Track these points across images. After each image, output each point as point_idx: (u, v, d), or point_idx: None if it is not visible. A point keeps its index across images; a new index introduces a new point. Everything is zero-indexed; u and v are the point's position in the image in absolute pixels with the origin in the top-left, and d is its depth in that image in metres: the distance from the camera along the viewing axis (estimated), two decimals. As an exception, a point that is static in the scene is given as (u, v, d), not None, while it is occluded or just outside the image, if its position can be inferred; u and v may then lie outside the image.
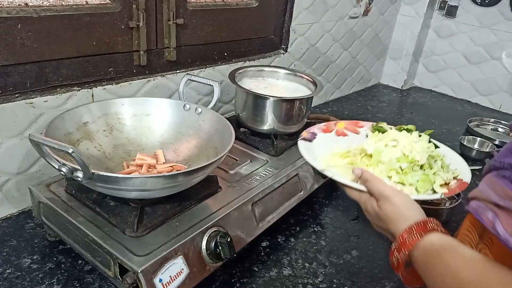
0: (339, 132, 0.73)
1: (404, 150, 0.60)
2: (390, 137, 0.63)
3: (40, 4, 0.75)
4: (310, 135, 0.69)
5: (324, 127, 0.72)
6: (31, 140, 0.54)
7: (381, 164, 0.60)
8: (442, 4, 1.82)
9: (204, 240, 0.64)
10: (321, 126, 0.72)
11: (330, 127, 0.73)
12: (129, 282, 0.55)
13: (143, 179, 0.58)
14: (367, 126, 0.74)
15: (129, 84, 0.92)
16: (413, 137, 0.63)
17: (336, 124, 0.74)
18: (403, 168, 0.59)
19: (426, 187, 0.59)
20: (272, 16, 1.25)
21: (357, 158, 0.62)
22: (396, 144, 0.62)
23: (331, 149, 0.67)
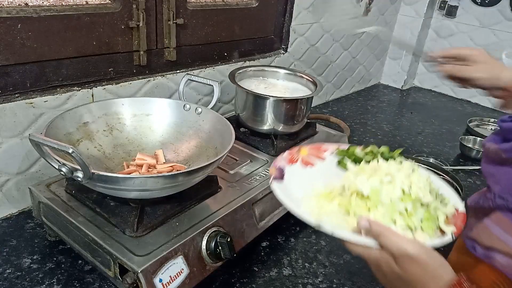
0: (304, 160, 0.67)
1: (403, 187, 0.53)
2: (383, 171, 0.56)
3: (40, 4, 0.75)
4: (279, 173, 0.62)
5: (289, 157, 0.66)
6: (31, 140, 0.54)
7: (381, 205, 0.51)
8: (442, 4, 1.82)
9: (204, 240, 0.64)
10: (285, 157, 0.65)
11: (294, 156, 0.67)
12: (129, 282, 0.55)
13: (143, 179, 0.58)
14: (331, 149, 0.69)
15: (129, 84, 0.92)
16: (405, 169, 0.56)
17: (299, 151, 0.68)
18: (409, 210, 0.51)
19: (432, 226, 0.51)
20: (272, 16, 1.25)
21: (347, 199, 0.54)
22: (392, 180, 0.54)
23: (307, 186, 0.59)
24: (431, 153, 1.29)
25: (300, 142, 0.98)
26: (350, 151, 0.66)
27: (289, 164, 0.64)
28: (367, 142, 1.33)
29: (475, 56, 0.71)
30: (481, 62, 0.71)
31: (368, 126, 1.48)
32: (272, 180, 0.59)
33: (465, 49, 0.73)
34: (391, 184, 0.53)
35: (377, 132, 1.44)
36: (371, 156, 0.64)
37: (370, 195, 0.52)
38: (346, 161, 0.65)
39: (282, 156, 0.65)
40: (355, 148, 0.67)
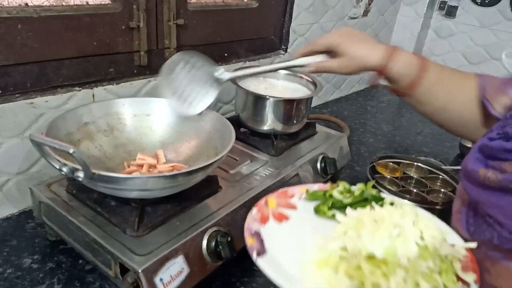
0: (276, 215, 0.59)
1: (416, 239, 0.47)
2: (387, 222, 0.50)
3: (41, 4, 0.75)
4: (257, 241, 0.53)
5: (259, 215, 0.57)
6: (32, 140, 0.54)
7: (399, 268, 0.44)
8: (442, 4, 1.82)
9: (204, 240, 0.64)
10: (255, 217, 0.57)
11: (263, 212, 0.58)
12: (130, 282, 0.56)
13: (144, 179, 0.58)
14: (297, 192, 0.63)
15: (130, 84, 0.92)
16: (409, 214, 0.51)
17: (266, 204, 0.60)
18: (430, 267, 0.44)
19: (452, 279, 0.44)
20: (272, 17, 1.25)
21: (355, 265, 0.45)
22: (401, 232, 0.48)
23: (295, 251, 0.51)
24: (430, 153, 1.29)
25: (300, 142, 0.98)
26: (324, 194, 0.60)
27: (263, 225, 0.56)
28: (367, 142, 1.34)
29: (336, 47, 0.70)
30: (343, 55, 0.69)
31: (367, 126, 1.48)
32: (256, 256, 0.50)
33: (325, 41, 0.71)
34: (401, 237, 0.47)
35: (376, 132, 1.44)
36: (350, 197, 0.59)
37: (386, 257, 0.45)
38: (324, 208, 0.59)
39: (252, 216, 0.57)
40: (325, 189, 0.61)
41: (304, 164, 0.89)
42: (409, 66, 0.67)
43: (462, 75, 0.70)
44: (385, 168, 1.09)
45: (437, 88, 0.68)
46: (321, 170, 0.93)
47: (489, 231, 0.52)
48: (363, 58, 0.68)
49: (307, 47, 0.73)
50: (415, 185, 1.02)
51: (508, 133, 0.52)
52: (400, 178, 1.02)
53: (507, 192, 0.49)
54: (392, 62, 0.67)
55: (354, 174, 1.12)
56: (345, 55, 0.69)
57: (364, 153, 1.26)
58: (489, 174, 0.51)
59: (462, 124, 0.70)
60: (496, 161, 0.52)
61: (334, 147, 1.00)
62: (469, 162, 0.56)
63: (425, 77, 0.67)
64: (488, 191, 0.52)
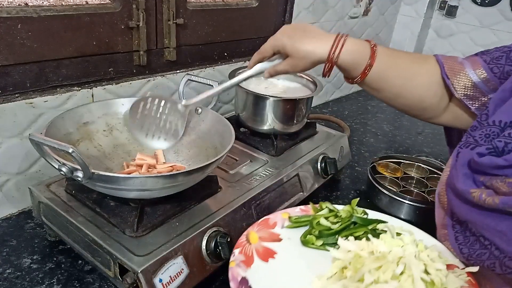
0: (260, 252, 0.54)
1: (421, 275, 0.45)
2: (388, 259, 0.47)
3: (40, 4, 0.75)
4: None
5: (244, 258, 0.53)
6: (31, 140, 0.54)
7: None
8: (442, 4, 1.82)
9: (204, 240, 0.64)
10: (239, 261, 0.53)
11: (247, 251, 0.54)
12: (129, 282, 0.55)
13: (143, 179, 0.58)
14: (279, 219, 0.61)
15: (129, 84, 0.92)
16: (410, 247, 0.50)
17: (249, 241, 0.56)
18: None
19: None
20: (272, 16, 1.25)
21: None
22: (406, 268, 0.46)
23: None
24: (431, 153, 1.29)
25: (300, 142, 0.98)
26: (310, 221, 0.57)
27: (248, 268, 0.52)
28: (367, 142, 1.34)
29: (282, 49, 0.68)
30: (291, 55, 0.67)
31: (368, 126, 1.48)
32: None
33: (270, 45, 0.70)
34: (405, 275, 0.45)
35: (377, 132, 1.44)
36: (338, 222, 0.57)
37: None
38: (312, 239, 0.55)
39: (236, 259, 0.53)
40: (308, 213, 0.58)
41: (304, 164, 0.89)
42: (358, 54, 0.65)
43: (418, 59, 0.68)
44: (386, 168, 1.09)
45: (390, 74, 0.66)
46: (321, 170, 0.93)
47: (487, 256, 0.49)
48: (311, 53, 0.66)
49: (257, 56, 0.72)
50: (415, 185, 1.02)
51: (499, 147, 0.49)
52: (401, 178, 1.02)
53: (506, 216, 0.46)
54: (339, 53, 0.65)
55: (354, 174, 1.11)
56: (293, 54, 0.67)
57: (364, 153, 1.26)
58: (484, 195, 0.47)
59: (424, 108, 0.69)
60: (486, 176, 0.49)
61: (335, 147, 1.00)
62: (457, 179, 0.52)
63: (375, 64, 0.65)
64: (482, 212, 0.48)
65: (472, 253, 0.51)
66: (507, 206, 0.44)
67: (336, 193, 1.01)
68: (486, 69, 0.61)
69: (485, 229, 0.49)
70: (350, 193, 1.02)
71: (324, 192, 1.00)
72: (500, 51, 0.61)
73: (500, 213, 0.46)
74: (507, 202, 0.44)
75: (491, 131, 0.53)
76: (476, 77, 0.61)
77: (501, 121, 0.52)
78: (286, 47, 0.67)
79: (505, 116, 0.52)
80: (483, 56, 0.63)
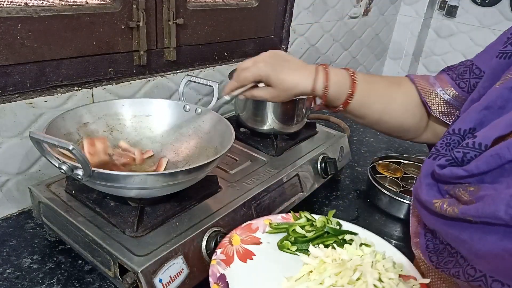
0: (241, 254, 0.60)
1: (374, 282, 0.52)
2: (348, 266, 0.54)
3: (40, 4, 0.75)
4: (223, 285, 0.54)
5: (224, 257, 0.58)
6: (32, 137, 0.54)
7: None
8: (442, 4, 1.82)
9: (204, 240, 0.64)
10: (220, 259, 0.58)
11: (228, 251, 0.59)
12: (129, 282, 0.55)
13: (143, 177, 0.58)
14: (261, 225, 0.66)
15: (129, 84, 0.92)
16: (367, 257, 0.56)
17: (231, 242, 0.61)
18: None
19: None
20: (272, 16, 1.25)
21: None
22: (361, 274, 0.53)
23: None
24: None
25: (300, 142, 0.98)
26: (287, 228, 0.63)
27: (228, 267, 0.57)
28: (367, 142, 1.34)
29: (265, 79, 0.67)
30: (274, 86, 0.66)
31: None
32: None
33: (252, 75, 0.67)
34: (360, 281, 0.53)
35: (377, 132, 1.44)
36: (312, 231, 0.63)
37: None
38: (287, 244, 0.61)
39: (217, 258, 0.58)
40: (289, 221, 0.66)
41: (304, 164, 0.89)
42: (340, 84, 0.66)
43: (393, 83, 0.70)
44: (386, 168, 1.09)
45: (370, 100, 0.67)
46: (321, 170, 0.93)
47: (453, 264, 0.50)
48: (295, 86, 0.66)
49: (234, 84, 0.70)
50: (415, 185, 1.02)
51: (458, 158, 0.49)
52: (401, 178, 1.02)
53: (467, 224, 0.46)
54: (326, 86, 0.65)
55: (354, 174, 1.11)
56: (276, 86, 0.66)
57: (364, 153, 1.26)
58: (445, 205, 0.48)
59: (405, 130, 0.70)
60: (449, 185, 0.50)
61: (335, 147, 1.00)
62: (421, 190, 0.53)
63: (355, 93, 0.66)
64: (446, 221, 0.49)
65: (440, 260, 0.53)
66: (466, 216, 0.45)
67: (336, 193, 1.01)
68: (453, 86, 0.63)
69: (449, 238, 0.50)
70: (350, 193, 1.02)
71: (324, 192, 1.00)
72: (463, 65, 0.63)
73: (462, 222, 0.47)
74: (466, 212, 0.45)
75: (451, 139, 0.53)
76: (446, 95, 0.63)
77: (460, 128, 0.53)
78: (269, 77, 0.66)
79: (464, 124, 0.52)
80: (449, 72, 0.65)
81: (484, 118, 0.51)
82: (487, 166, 0.45)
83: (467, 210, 0.45)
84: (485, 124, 0.50)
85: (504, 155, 0.43)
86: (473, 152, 0.48)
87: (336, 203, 0.97)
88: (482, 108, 0.51)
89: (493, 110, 0.50)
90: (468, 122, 0.52)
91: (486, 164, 0.45)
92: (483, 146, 0.47)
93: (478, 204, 0.43)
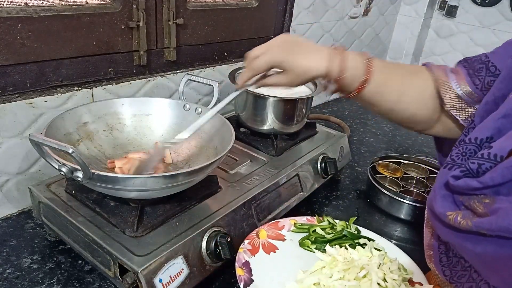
0: (265, 246, 0.68)
1: (379, 281, 0.58)
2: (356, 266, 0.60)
3: (40, 4, 0.75)
4: (246, 269, 0.62)
5: (250, 247, 0.67)
6: (31, 140, 0.54)
7: None
8: (442, 4, 1.82)
9: (204, 240, 0.64)
10: (246, 248, 0.66)
11: (255, 243, 0.68)
12: (129, 282, 0.55)
13: (143, 179, 0.58)
14: (287, 224, 0.73)
15: (129, 84, 0.92)
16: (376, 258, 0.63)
17: (258, 235, 0.69)
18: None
19: None
20: (272, 16, 1.25)
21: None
22: (367, 273, 0.59)
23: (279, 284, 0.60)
24: (431, 153, 1.29)
25: (300, 142, 0.98)
26: (309, 228, 0.71)
27: (253, 256, 0.65)
28: (367, 142, 1.34)
29: (280, 65, 0.64)
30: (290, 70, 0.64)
31: (368, 126, 1.48)
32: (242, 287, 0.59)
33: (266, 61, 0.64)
34: (366, 279, 0.59)
35: (377, 132, 1.44)
36: (332, 233, 0.71)
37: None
38: (308, 242, 0.69)
39: (244, 246, 0.66)
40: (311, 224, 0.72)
41: (304, 164, 0.89)
42: (356, 70, 0.63)
43: (410, 71, 0.68)
44: (386, 168, 1.09)
45: (385, 89, 0.65)
46: (321, 170, 0.93)
47: (466, 279, 0.49)
48: (310, 70, 0.63)
49: (249, 73, 0.67)
50: (416, 185, 1.02)
51: (473, 169, 0.48)
52: (401, 178, 1.02)
53: (482, 238, 0.45)
54: (342, 70, 0.62)
55: (354, 174, 1.11)
56: (291, 70, 0.63)
57: (364, 153, 1.26)
58: (459, 218, 0.48)
59: (416, 121, 0.68)
60: (465, 196, 0.50)
61: (335, 147, 1.00)
62: (435, 201, 0.52)
63: (371, 78, 0.63)
64: (460, 234, 0.49)
65: (453, 275, 0.52)
66: (480, 229, 0.44)
67: (336, 193, 1.01)
68: (469, 82, 0.61)
69: (463, 251, 0.50)
70: (350, 193, 1.02)
71: (324, 192, 1.00)
72: (480, 61, 0.61)
73: (477, 235, 0.46)
74: (480, 225, 0.44)
75: (467, 149, 0.52)
76: (460, 90, 0.61)
77: (477, 138, 0.52)
78: (283, 62, 0.63)
79: (481, 133, 0.52)
80: (465, 65, 0.63)
81: (502, 127, 0.49)
82: (502, 178, 0.44)
83: (481, 223, 0.44)
84: (503, 133, 0.49)
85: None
86: (488, 164, 0.47)
87: (336, 203, 0.97)
88: (500, 117, 0.50)
89: (511, 119, 0.49)
90: (485, 131, 0.51)
91: (501, 176, 0.44)
92: (499, 157, 0.46)
93: (492, 218, 0.43)
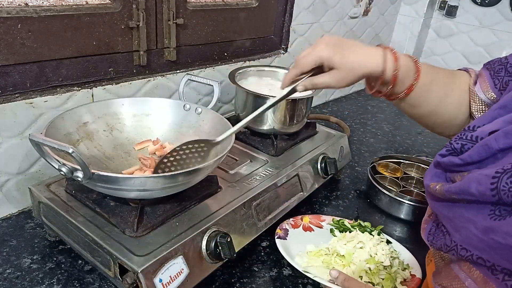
0: (305, 226, 0.83)
1: (370, 252, 0.73)
2: (357, 239, 0.76)
3: (40, 4, 0.75)
4: (283, 232, 0.79)
5: (293, 223, 0.82)
6: (31, 140, 0.54)
7: (353, 264, 0.71)
8: (442, 4, 1.82)
9: (204, 240, 0.64)
10: (290, 222, 0.82)
11: (297, 222, 0.83)
12: (129, 282, 0.55)
13: (143, 179, 0.58)
14: (328, 220, 0.85)
15: (129, 84, 0.92)
16: (375, 240, 0.77)
17: (302, 219, 0.84)
18: (372, 269, 0.70)
19: (390, 285, 0.69)
20: (272, 16, 1.25)
21: (331, 258, 0.73)
22: (363, 246, 0.75)
23: (304, 246, 0.76)
24: (431, 153, 1.29)
25: (300, 142, 0.98)
26: (341, 222, 0.84)
27: (293, 228, 0.81)
28: (367, 142, 1.34)
29: (327, 61, 0.61)
30: (338, 67, 0.61)
31: (368, 126, 1.48)
32: (277, 238, 0.76)
33: (313, 58, 0.62)
34: (362, 249, 0.74)
35: (377, 132, 1.44)
36: (356, 228, 0.82)
37: (345, 255, 0.72)
38: (336, 231, 0.82)
39: (288, 221, 0.82)
40: (344, 220, 0.84)
41: (304, 164, 0.89)
42: (407, 68, 0.62)
43: (452, 75, 0.67)
44: (386, 168, 1.09)
45: (429, 92, 0.65)
46: (321, 170, 0.93)
47: (439, 239, 0.56)
48: (362, 65, 0.61)
49: (294, 71, 0.65)
50: (415, 185, 1.02)
51: (457, 148, 0.54)
52: (401, 178, 1.02)
53: (453, 203, 0.51)
54: (396, 68, 0.61)
55: (354, 174, 1.11)
56: (340, 66, 0.61)
57: (364, 153, 1.26)
58: (438, 187, 0.53)
59: (453, 125, 0.68)
60: (452, 173, 0.55)
61: (335, 147, 1.00)
62: (425, 177, 0.59)
63: (419, 80, 0.63)
64: (440, 203, 0.55)
65: (434, 238, 0.58)
66: (450, 193, 0.50)
67: (336, 193, 1.01)
68: (492, 87, 0.62)
69: (442, 218, 0.56)
70: (350, 193, 1.02)
71: (324, 192, 1.00)
72: (500, 63, 0.62)
73: (452, 201, 0.52)
74: (449, 189, 0.50)
75: (463, 134, 0.54)
76: (486, 98, 0.62)
77: (474, 125, 0.55)
78: (332, 58, 0.60)
79: (479, 122, 0.54)
80: (488, 67, 0.63)
81: (498, 116, 0.52)
82: (478, 156, 0.50)
83: (450, 188, 0.50)
84: None
85: (492, 145, 0.48)
86: (470, 144, 0.52)
87: (336, 203, 0.97)
88: (497, 107, 0.54)
89: (507, 109, 0.52)
90: (484, 120, 0.54)
91: (477, 153, 0.50)
92: (479, 138, 0.51)
93: (459, 183, 0.49)
